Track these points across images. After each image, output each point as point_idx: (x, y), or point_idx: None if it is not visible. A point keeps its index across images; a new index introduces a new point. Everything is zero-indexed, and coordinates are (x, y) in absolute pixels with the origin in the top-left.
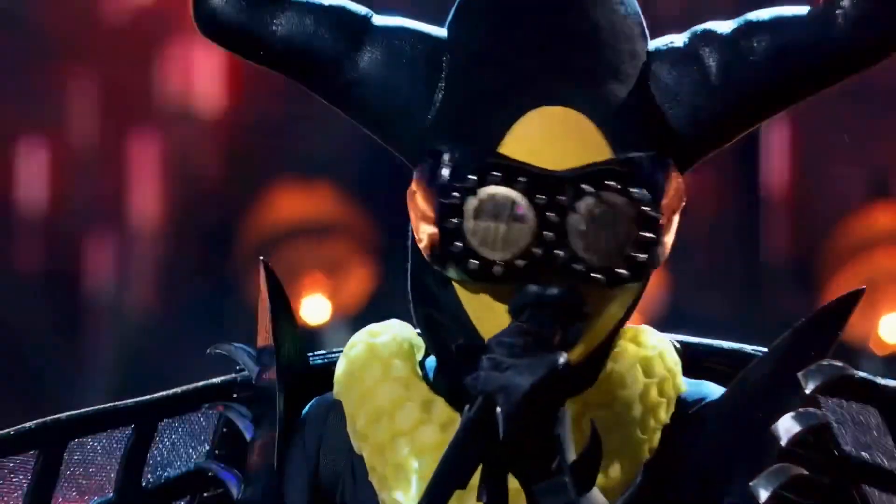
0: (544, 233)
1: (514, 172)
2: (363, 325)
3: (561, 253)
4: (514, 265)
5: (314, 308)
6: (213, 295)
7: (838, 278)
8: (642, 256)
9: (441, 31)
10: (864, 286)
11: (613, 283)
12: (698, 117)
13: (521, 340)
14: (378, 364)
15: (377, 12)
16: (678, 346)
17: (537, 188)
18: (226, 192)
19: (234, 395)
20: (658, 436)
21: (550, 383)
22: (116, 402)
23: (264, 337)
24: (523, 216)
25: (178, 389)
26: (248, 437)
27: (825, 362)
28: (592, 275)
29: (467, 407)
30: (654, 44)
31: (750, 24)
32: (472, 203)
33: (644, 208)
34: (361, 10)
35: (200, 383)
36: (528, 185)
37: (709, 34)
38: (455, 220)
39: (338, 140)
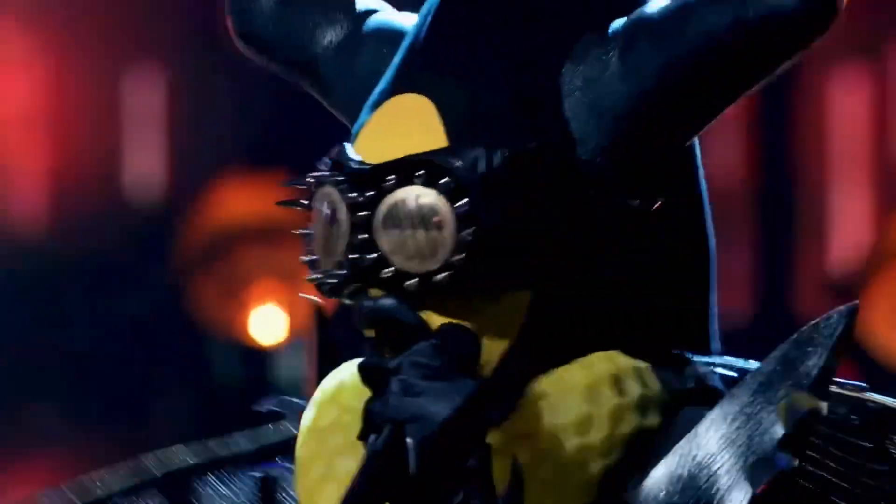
0: (357, 236)
1: (337, 169)
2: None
3: (369, 258)
4: (334, 276)
5: (267, 324)
6: (146, 312)
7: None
8: (460, 258)
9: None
10: (858, 301)
11: (429, 292)
12: (600, 112)
13: (439, 362)
14: (321, 463)
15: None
16: (702, 373)
17: (352, 185)
18: (159, 187)
19: None
20: (599, 470)
21: (471, 412)
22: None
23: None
24: (337, 218)
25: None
26: None
27: (799, 393)
28: (405, 283)
29: (373, 437)
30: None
31: (669, 3)
32: (313, 209)
33: (459, 205)
34: (359, 6)
35: None
36: (346, 183)
37: (634, 15)
38: (303, 230)
39: (291, 123)
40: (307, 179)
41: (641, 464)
